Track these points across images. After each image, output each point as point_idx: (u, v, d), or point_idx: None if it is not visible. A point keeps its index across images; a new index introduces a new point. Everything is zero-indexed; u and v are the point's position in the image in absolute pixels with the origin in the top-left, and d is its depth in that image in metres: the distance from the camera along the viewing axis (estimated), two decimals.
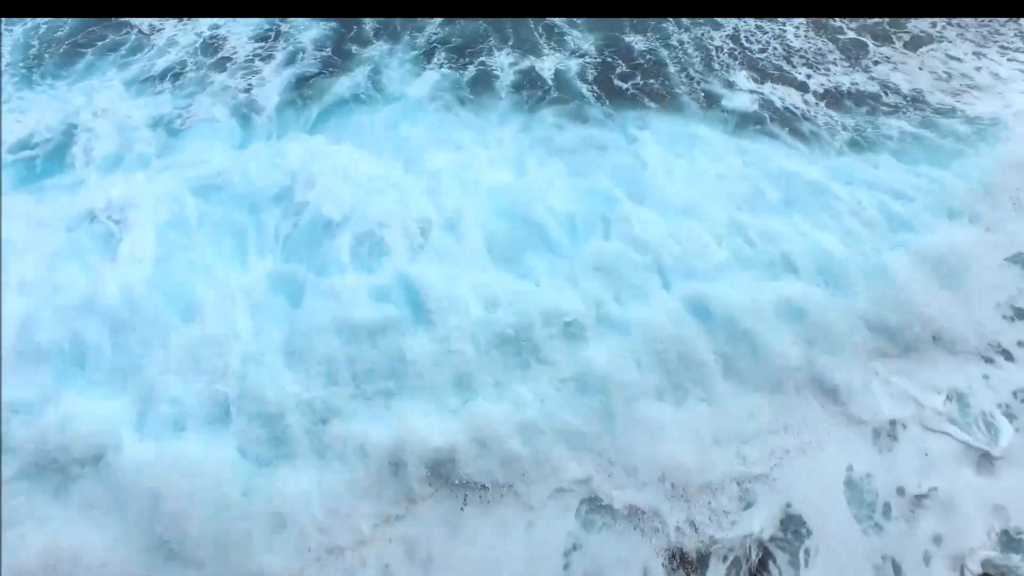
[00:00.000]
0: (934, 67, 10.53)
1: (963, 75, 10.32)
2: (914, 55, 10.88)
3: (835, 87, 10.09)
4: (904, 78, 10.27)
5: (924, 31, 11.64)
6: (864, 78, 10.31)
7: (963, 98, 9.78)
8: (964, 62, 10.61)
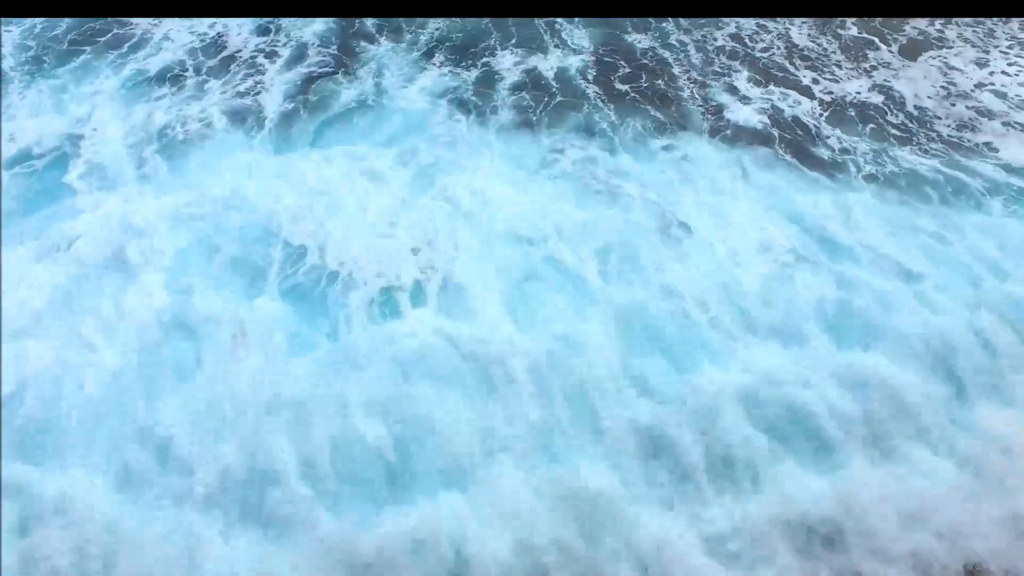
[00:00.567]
0: (935, 77, 10.50)
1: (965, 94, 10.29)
2: (914, 64, 10.82)
3: (842, 97, 9.98)
4: (908, 89, 10.23)
5: (923, 31, 11.60)
6: (867, 85, 10.23)
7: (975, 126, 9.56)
8: (966, 73, 10.61)
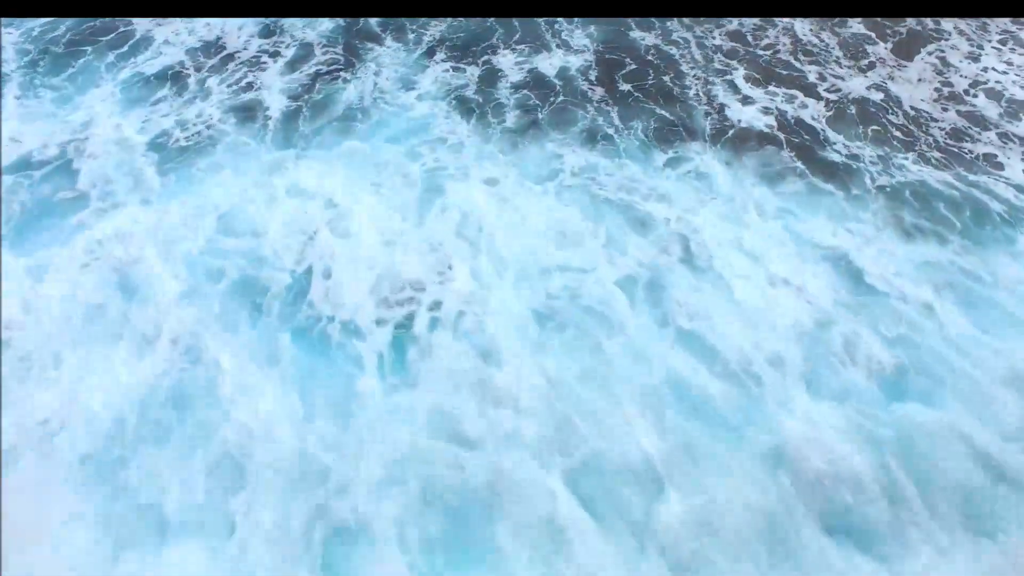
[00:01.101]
0: (931, 76, 10.61)
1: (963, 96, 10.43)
2: (910, 63, 10.91)
3: (844, 96, 10.02)
4: (905, 91, 10.33)
5: (920, 20, 11.68)
6: (866, 83, 10.32)
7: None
8: (960, 71, 10.74)
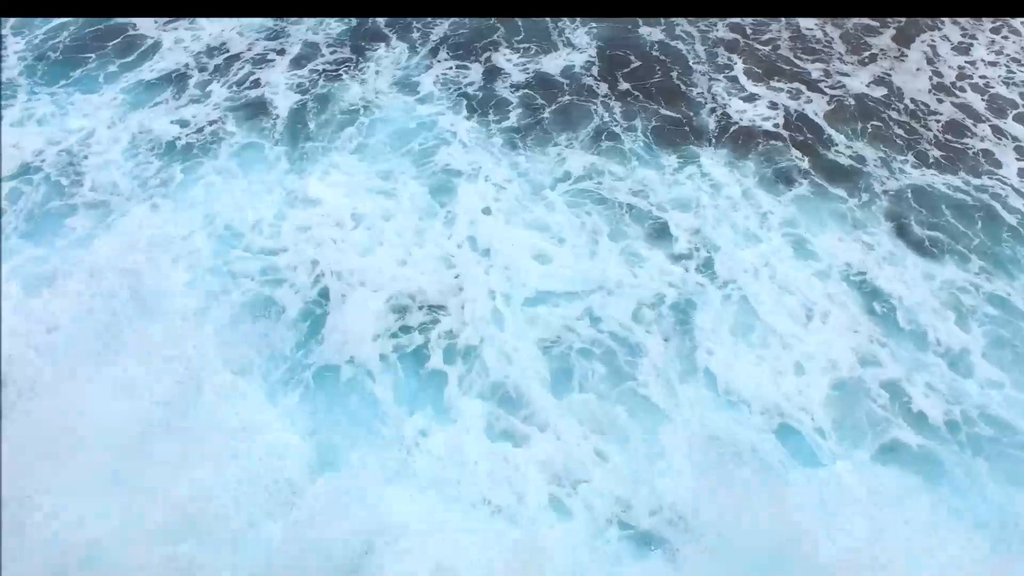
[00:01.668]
0: (927, 70, 10.73)
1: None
2: (908, 52, 11.01)
3: (844, 93, 10.07)
4: (904, 85, 10.41)
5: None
6: (867, 79, 10.41)
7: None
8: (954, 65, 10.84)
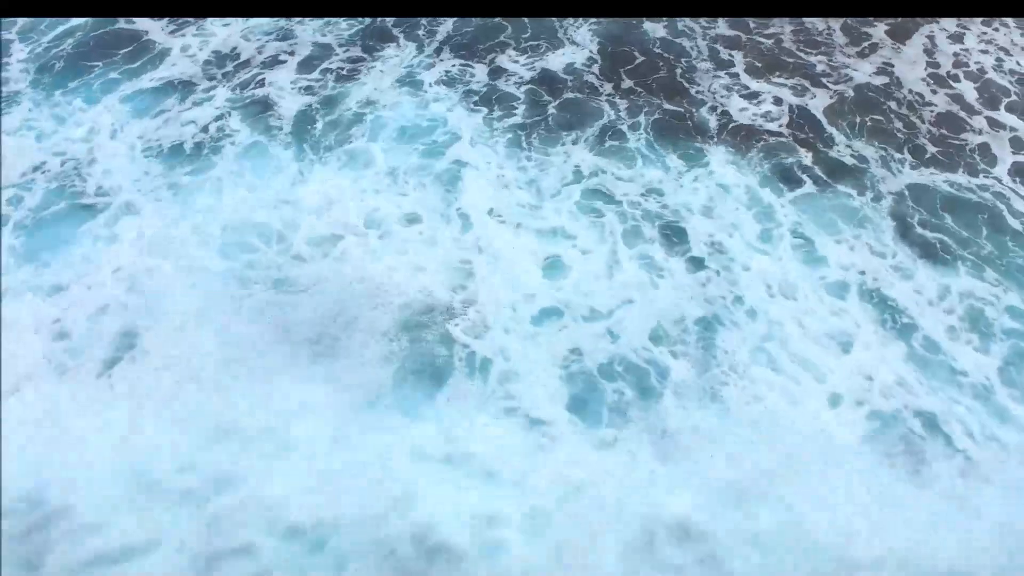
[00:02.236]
0: (925, 64, 10.65)
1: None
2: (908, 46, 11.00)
3: (845, 89, 9.99)
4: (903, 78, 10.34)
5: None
6: (867, 72, 10.37)
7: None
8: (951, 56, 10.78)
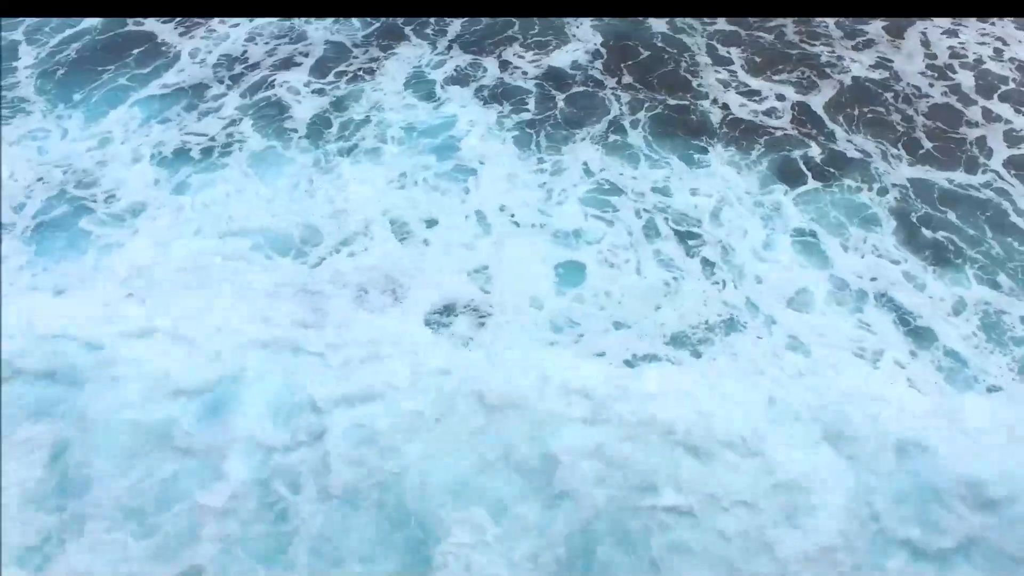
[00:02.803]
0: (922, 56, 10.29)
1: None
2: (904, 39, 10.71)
3: (845, 84, 9.35)
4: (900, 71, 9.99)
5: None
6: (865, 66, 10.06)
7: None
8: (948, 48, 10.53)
